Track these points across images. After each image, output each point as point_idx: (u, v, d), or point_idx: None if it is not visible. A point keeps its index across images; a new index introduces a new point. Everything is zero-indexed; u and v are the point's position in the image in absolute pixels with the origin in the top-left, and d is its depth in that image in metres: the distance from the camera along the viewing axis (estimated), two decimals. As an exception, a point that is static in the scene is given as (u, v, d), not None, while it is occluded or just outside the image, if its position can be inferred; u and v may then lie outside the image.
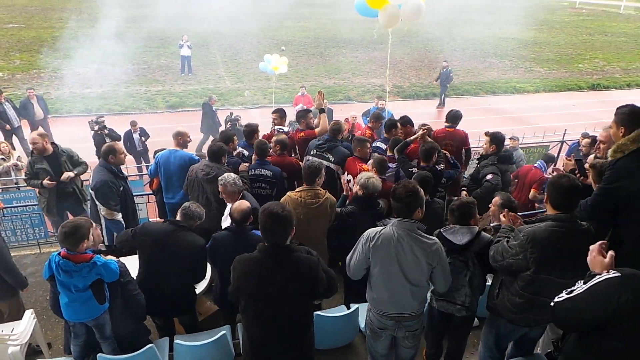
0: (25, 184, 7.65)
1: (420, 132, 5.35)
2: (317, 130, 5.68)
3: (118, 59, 20.27)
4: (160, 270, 3.64)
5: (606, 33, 32.50)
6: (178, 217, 3.73)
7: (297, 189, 4.31)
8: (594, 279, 2.03)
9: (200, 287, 4.18)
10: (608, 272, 2.01)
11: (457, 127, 6.10)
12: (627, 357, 1.99)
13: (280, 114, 6.22)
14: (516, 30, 31.02)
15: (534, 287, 2.88)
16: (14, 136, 10.70)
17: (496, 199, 3.93)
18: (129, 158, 9.80)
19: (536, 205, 5.99)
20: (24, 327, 3.96)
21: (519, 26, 32.35)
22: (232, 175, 4.23)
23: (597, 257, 2.20)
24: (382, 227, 2.94)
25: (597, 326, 2.04)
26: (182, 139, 5.31)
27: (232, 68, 19.98)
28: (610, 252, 2.20)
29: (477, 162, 5.85)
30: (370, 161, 4.87)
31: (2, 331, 3.93)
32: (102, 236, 4.93)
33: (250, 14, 31.40)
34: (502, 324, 3.24)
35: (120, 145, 5.04)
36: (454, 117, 6.14)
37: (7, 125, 10.36)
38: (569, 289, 2.14)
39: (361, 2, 6.41)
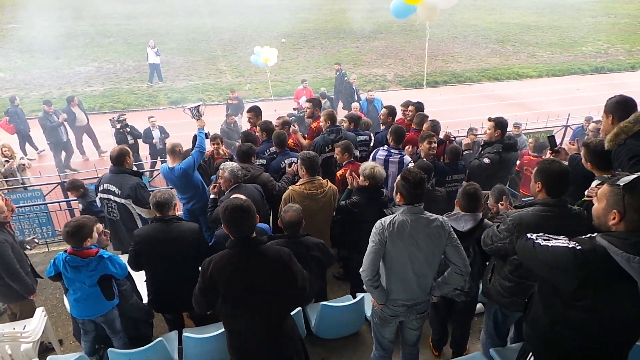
0: (31, 184, 7.77)
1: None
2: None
3: (118, 56, 20.29)
4: (163, 267, 3.68)
5: (609, 14, 32.06)
6: (158, 214, 3.71)
7: (299, 182, 4.32)
8: (556, 241, 2.10)
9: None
10: (569, 241, 2.06)
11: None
12: (591, 326, 2.07)
13: (255, 113, 6.04)
14: (518, 15, 30.70)
15: (522, 271, 2.94)
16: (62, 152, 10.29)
17: (491, 201, 3.86)
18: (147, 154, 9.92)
19: None
20: (36, 324, 4.03)
21: (520, 10, 32.03)
22: (234, 164, 4.36)
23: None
24: (393, 216, 2.94)
25: (555, 292, 2.15)
26: (180, 149, 5.00)
27: (232, 62, 19.92)
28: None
29: (481, 148, 5.82)
30: (338, 149, 4.92)
31: (14, 329, 3.99)
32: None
33: (249, 6, 31.23)
34: (497, 309, 3.30)
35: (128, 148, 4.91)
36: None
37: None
38: (545, 236, 2.21)
39: (398, 3, 6.14)
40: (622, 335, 2.10)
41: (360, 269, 3.01)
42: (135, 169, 5.49)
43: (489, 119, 5.47)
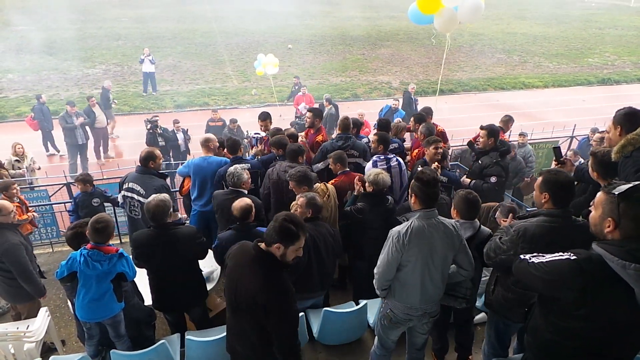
0: (38, 184, 7.82)
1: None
2: None
3: (126, 59, 20.45)
4: (163, 270, 3.69)
5: (616, 27, 32.06)
6: (152, 223, 3.66)
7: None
8: (550, 256, 2.10)
9: (210, 284, 4.24)
10: (563, 253, 2.07)
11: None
12: (591, 333, 2.07)
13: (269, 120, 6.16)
14: (524, 25, 30.77)
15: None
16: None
17: (499, 216, 3.76)
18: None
19: None
20: (39, 324, 4.04)
21: (527, 21, 32.09)
22: (239, 167, 4.44)
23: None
24: (409, 222, 2.93)
25: (554, 302, 2.15)
26: (212, 144, 5.31)
27: (239, 67, 20.02)
28: None
29: (473, 155, 5.78)
30: (331, 159, 4.87)
31: (18, 328, 4.01)
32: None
33: (256, 12, 31.44)
34: (500, 320, 3.29)
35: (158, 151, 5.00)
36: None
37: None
38: (538, 255, 2.20)
39: (414, 10, 6.15)
40: (623, 342, 2.09)
41: (375, 270, 3.06)
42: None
43: (481, 127, 5.44)
